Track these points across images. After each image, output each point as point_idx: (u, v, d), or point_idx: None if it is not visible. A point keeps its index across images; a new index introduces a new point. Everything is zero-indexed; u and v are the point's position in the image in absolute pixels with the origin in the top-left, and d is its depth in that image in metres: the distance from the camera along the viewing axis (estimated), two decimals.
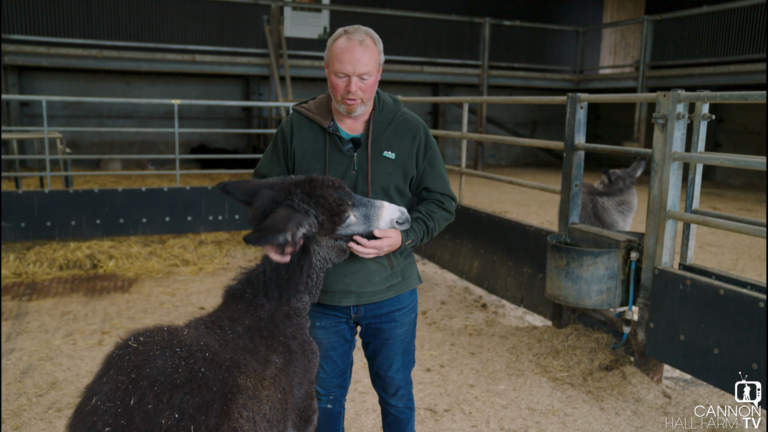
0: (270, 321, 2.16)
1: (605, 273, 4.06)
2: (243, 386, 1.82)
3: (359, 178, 2.37)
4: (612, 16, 18.86)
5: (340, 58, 2.21)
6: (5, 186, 9.98)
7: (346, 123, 2.40)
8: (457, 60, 15.78)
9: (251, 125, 15.38)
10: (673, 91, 3.72)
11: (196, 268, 6.54)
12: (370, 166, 2.37)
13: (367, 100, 2.31)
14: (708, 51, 13.05)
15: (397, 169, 2.40)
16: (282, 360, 2.10)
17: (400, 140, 2.40)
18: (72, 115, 14.54)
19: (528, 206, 10.76)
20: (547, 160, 18.90)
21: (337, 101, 2.31)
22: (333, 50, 2.25)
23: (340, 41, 2.24)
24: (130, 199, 7.31)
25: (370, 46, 2.24)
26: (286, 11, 14.73)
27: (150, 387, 1.62)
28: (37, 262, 6.36)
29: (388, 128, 2.41)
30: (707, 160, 3.68)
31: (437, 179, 2.47)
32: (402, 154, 2.40)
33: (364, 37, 2.24)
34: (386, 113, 2.43)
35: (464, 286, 6.19)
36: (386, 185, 2.39)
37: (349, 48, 2.21)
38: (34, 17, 12.47)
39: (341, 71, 2.23)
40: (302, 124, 2.44)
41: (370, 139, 2.38)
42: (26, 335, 4.64)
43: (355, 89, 2.23)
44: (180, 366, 1.70)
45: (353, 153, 2.38)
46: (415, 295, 2.62)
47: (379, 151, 2.38)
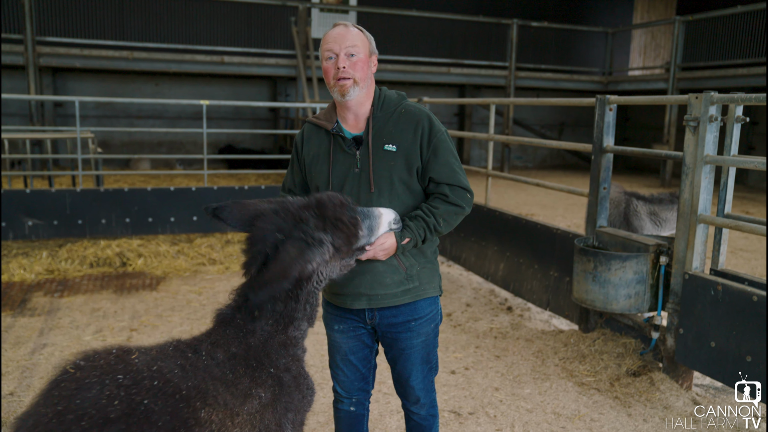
0: (261, 349, 1.90)
1: (633, 277, 4.00)
2: (205, 420, 1.61)
3: (362, 175, 2.38)
4: (642, 17, 18.58)
5: (327, 39, 2.34)
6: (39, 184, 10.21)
7: (348, 122, 2.43)
8: (484, 61, 15.70)
9: (278, 126, 15.49)
10: (705, 93, 3.65)
11: (223, 267, 6.61)
12: (372, 162, 2.36)
13: (359, 81, 2.32)
14: (742, 52, 12.78)
15: (399, 162, 2.37)
16: (270, 394, 1.86)
17: (401, 132, 2.38)
18: (103, 115, 14.81)
19: (555, 209, 10.66)
20: (574, 163, 18.70)
21: (331, 87, 2.35)
22: (323, 39, 2.37)
23: (329, 31, 2.37)
24: (158, 198, 7.42)
25: (354, 29, 2.35)
26: (314, 12, 14.81)
27: (76, 422, 1.41)
28: (69, 259, 6.49)
29: (389, 121, 2.41)
30: (740, 163, 3.61)
31: (442, 168, 2.37)
32: (404, 146, 2.37)
33: (351, 25, 2.36)
34: (387, 108, 2.43)
35: (490, 289, 6.15)
36: (390, 178, 2.37)
37: (336, 31, 2.34)
38: (68, 20, 12.74)
39: (328, 49, 2.33)
40: (311, 132, 2.50)
41: (371, 135, 2.38)
42: (58, 331, 4.74)
43: (342, 65, 2.29)
44: (117, 397, 1.48)
45: (356, 151, 2.39)
46: (436, 305, 2.54)
47: (380, 146, 2.38)
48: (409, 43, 14.62)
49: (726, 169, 3.89)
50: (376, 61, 2.43)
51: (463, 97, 16.81)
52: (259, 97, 15.75)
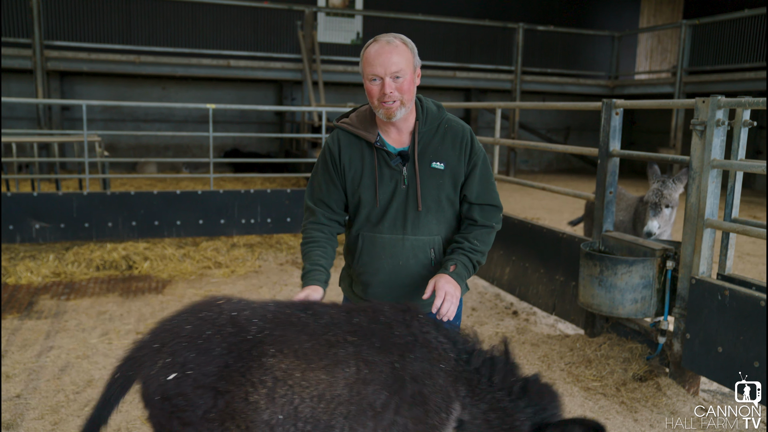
0: (402, 344, 1.89)
1: (640, 282, 3.99)
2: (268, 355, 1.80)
3: (410, 192, 2.36)
4: (649, 21, 18.55)
5: (371, 61, 2.23)
6: (46, 188, 10.26)
7: (391, 136, 2.38)
8: (490, 65, 15.71)
9: (284, 129, 15.54)
10: (712, 97, 3.64)
11: (229, 270, 6.62)
12: (419, 180, 2.34)
13: (406, 102, 2.27)
14: (749, 55, 12.74)
15: (447, 180, 2.37)
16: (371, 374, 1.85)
17: (447, 149, 2.37)
18: (110, 119, 14.89)
19: (561, 213, 10.63)
20: (580, 167, 18.66)
21: (375, 107, 2.29)
22: (365, 57, 2.25)
23: (370, 47, 2.25)
24: (164, 201, 7.44)
25: (399, 46, 2.24)
26: (320, 17, 14.85)
27: None
28: (75, 262, 6.51)
29: (434, 137, 2.38)
30: (748, 167, 3.59)
31: (476, 187, 2.41)
32: (451, 163, 2.37)
33: (392, 39, 2.25)
34: (431, 122, 2.39)
35: (495, 293, 6.14)
36: (438, 197, 2.37)
37: (378, 51, 2.22)
38: (75, 24, 12.83)
39: (372, 74, 2.23)
40: (348, 140, 2.40)
41: (417, 152, 2.35)
42: (64, 333, 4.75)
43: (389, 90, 2.22)
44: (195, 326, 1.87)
45: (402, 167, 2.36)
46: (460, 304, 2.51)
47: (427, 163, 2.35)
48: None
49: (733, 173, 3.87)
50: (420, 72, 2.35)
51: (469, 100, 16.81)
52: (265, 100, 15.81)
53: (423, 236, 2.42)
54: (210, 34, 13.65)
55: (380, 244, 2.43)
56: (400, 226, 2.40)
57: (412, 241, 2.41)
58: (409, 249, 2.42)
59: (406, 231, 2.41)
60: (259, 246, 7.64)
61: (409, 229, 2.40)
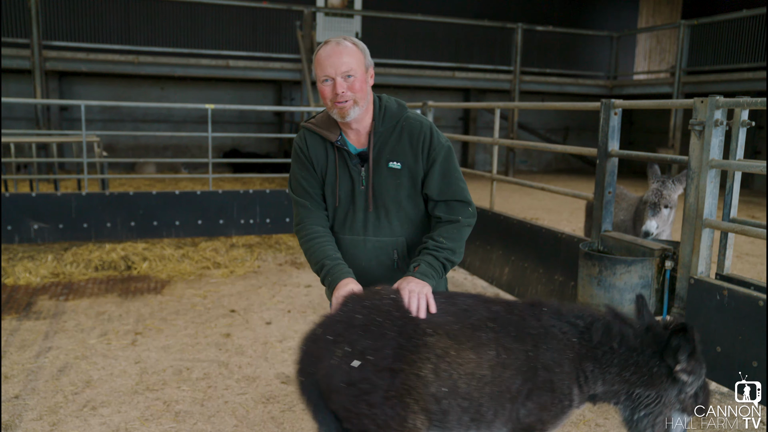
0: (535, 335, 2.06)
1: (639, 282, 3.99)
2: (427, 335, 1.99)
3: (368, 193, 2.36)
4: (647, 21, 18.57)
5: (322, 63, 2.24)
6: (44, 188, 10.26)
7: (351, 137, 2.38)
8: (488, 65, 15.72)
9: (283, 130, 15.54)
10: (711, 98, 3.64)
11: (228, 270, 6.62)
12: (374, 181, 2.34)
13: (359, 101, 2.26)
14: (747, 55, 12.76)
15: (405, 179, 2.35)
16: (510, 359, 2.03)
17: (404, 148, 2.35)
18: (109, 119, 14.89)
19: (560, 213, 10.64)
20: (579, 167, 18.68)
21: (329, 108, 2.29)
22: (316, 60, 2.27)
23: (321, 50, 2.27)
24: (163, 202, 7.44)
25: (348, 46, 2.25)
26: (319, 17, 14.85)
27: None
28: (74, 262, 6.51)
29: (391, 137, 2.36)
30: (746, 167, 3.59)
31: (438, 183, 2.35)
32: (408, 162, 2.34)
33: (342, 40, 2.26)
34: (389, 121, 2.37)
35: (494, 293, 6.14)
36: (396, 197, 2.36)
37: (329, 52, 2.24)
38: (74, 24, 12.82)
39: (324, 75, 2.24)
40: (313, 139, 2.41)
41: (372, 153, 2.34)
42: (63, 334, 4.75)
43: (341, 90, 2.22)
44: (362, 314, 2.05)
45: (360, 168, 2.36)
46: None
47: (384, 163, 2.34)
48: (414, 47, 14.64)
49: (731, 173, 3.88)
50: (373, 73, 2.36)
51: (468, 101, 16.82)
52: (264, 101, 15.81)
53: (384, 237, 2.41)
54: (209, 34, 13.65)
55: (343, 245, 2.43)
56: (361, 227, 2.40)
57: (373, 243, 2.41)
58: (371, 251, 2.42)
59: (367, 232, 2.40)
60: (258, 246, 7.64)
61: (370, 231, 2.40)
